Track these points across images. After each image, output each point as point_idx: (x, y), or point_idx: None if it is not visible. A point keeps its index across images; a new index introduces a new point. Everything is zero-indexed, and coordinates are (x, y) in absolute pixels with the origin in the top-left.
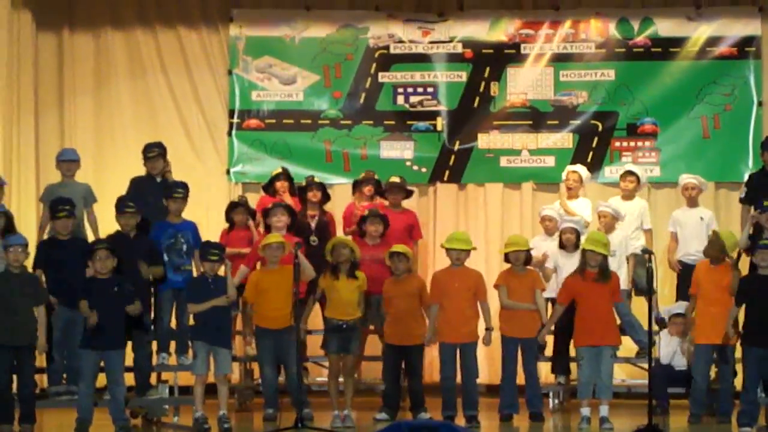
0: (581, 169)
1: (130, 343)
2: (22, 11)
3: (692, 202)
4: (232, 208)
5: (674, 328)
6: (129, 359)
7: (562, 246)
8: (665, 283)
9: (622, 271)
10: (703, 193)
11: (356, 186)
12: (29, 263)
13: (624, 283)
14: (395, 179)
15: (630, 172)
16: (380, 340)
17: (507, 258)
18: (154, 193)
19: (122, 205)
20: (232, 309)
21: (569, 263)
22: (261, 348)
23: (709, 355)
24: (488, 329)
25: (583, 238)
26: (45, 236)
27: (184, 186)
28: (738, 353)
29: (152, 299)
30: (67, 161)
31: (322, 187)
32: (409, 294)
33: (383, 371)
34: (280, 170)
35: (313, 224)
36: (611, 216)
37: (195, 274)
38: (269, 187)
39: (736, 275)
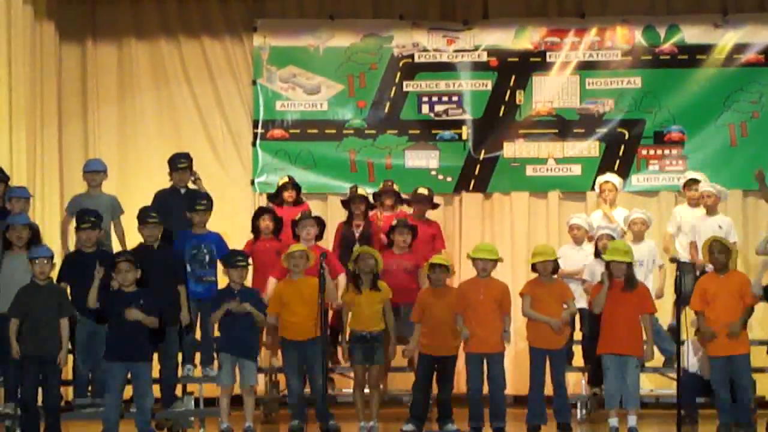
0: (615, 178)
1: (156, 355)
2: (46, 22)
3: (710, 210)
4: (260, 214)
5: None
6: (155, 371)
7: (597, 254)
8: None
9: (648, 281)
10: (728, 202)
11: (377, 197)
12: (54, 275)
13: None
14: (423, 190)
15: (695, 180)
16: (402, 354)
17: (534, 268)
18: (179, 206)
19: (145, 216)
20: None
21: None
22: (286, 359)
23: (725, 365)
24: (505, 331)
25: None
26: (70, 248)
27: (207, 197)
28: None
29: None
30: (93, 172)
31: (365, 199)
32: (445, 305)
33: (415, 381)
34: (287, 179)
35: (357, 234)
36: (642, 222)
37: (219, 285)
38: (276, 197)
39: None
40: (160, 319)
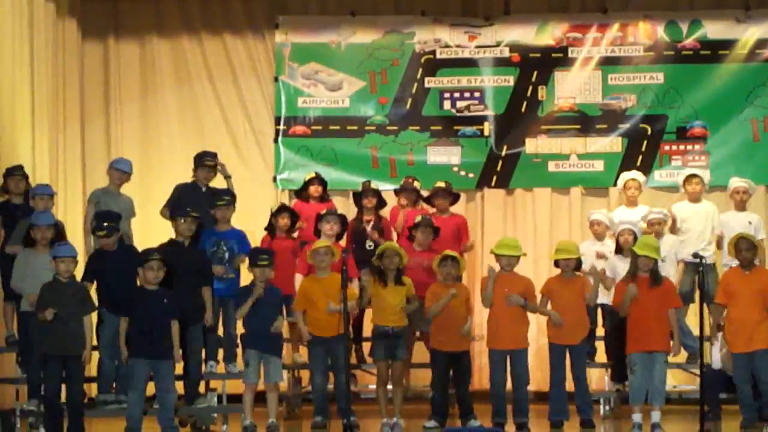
0: (640, 176)
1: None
2: (68, 20)
3: (741, 206)
4: (279, 212)
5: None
6: (178, 368)
7: (618, 250)
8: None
9: (669, 277)
10: (752, 197)
11: (398, 194)
12: (78, 273)
13: None
14: (441, 184)
15: (694, 175)
16: (425, 346)
17: (557, 264)
18: (200, 203)
19: (183, 211)
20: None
21: (626, 267)
22: (313, 355)
23: (748, 362)
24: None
25: None
26: (93, 245)
27: (230, 193)
28: None
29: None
30: (120, 171)
31: (378, 194)
32: (457, 300)
33: (432, 378)
34: (313, 174)
35: (368, 228)
36: (659, 222)
37: (242, 283)
38: (303, 192)
39: None
40: (180, 319)
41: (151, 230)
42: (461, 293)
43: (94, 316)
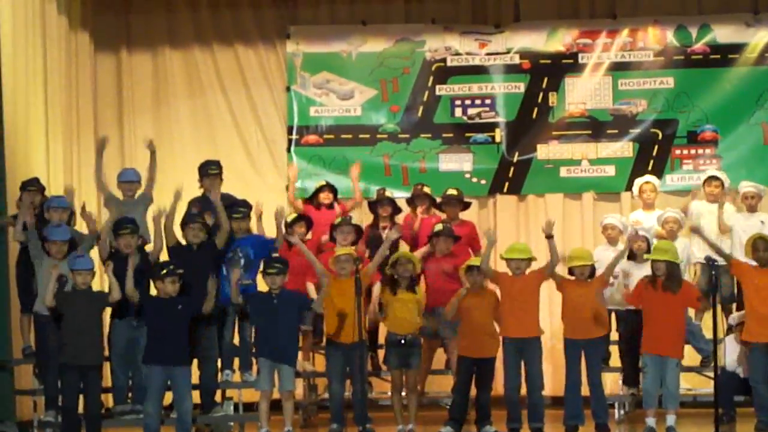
0: (655, 180)
1: (196, 361)
2: (80, 32)
3: (752, 209)
4: (295, 221)
5: (741, 336)
6: (194, 377)
7: (631, 256)
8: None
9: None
10: (763, 200)
11: (410, 201)
12: (95, 282)
13: None
14: (452, 192)
15: (714, 177)
16: (445, 352)
17: (571, 271)
18: (212, 214)
19: (189, 218)
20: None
21: (639, 273)
22: (331, 363)
23: (764, 359)
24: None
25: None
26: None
27: (246, 205)
28: None
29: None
30: (128, 182)
31: (392, 202)
32: (484, 307)
33: (455, 383)
34: (324, 183)
35: (384, 236)
36: (675, 221)
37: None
38: (313, 199)
39: None
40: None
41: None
42: (488, 299)
43: (106, 325)
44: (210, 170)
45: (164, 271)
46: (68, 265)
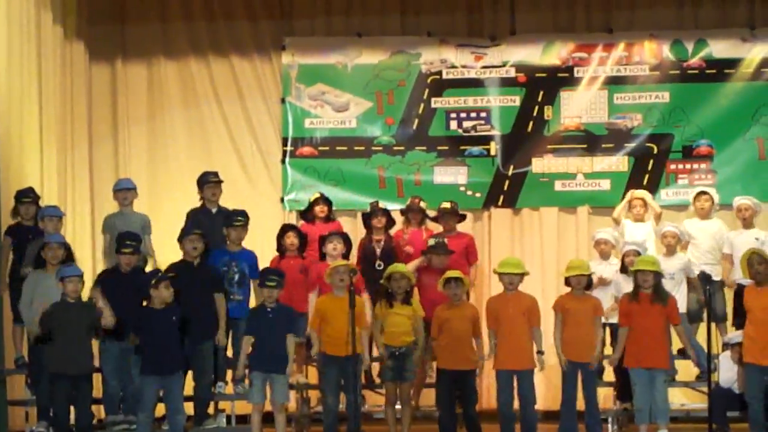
0: (645, 194)
1: (190, 373)
2: (75, 42)
3: (747, 224)
4: (285, 231)
5: (737, 355)
6: (188, 388)
7: (623, 270)
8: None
9: (681, 294)
10: (759, 215)
11: (404, 214)
12: (85, 293)
13: (682, 307)
14: (446, 205)
15: (703, 192)
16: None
17: (567, 282)
18: (211, 225)
19: (186, 232)
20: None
21: (631, 287)
22: (326, 375)
23: (760, 377)
24: (539, 353)
25: None
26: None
27: (244, 214)
28: None
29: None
30: (124, 190)
31: (387, 213)
32: (463, 318)
33: (437, 397)
34: (318, 195)
35: (378, 249)
36: (673, 236)
37: (254, 304)
38: (308, 213)
39: None
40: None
41: (160, 251)
42: (467, 313)
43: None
44: (211, 178)
45: (157, 278)
46: (56, 276)
